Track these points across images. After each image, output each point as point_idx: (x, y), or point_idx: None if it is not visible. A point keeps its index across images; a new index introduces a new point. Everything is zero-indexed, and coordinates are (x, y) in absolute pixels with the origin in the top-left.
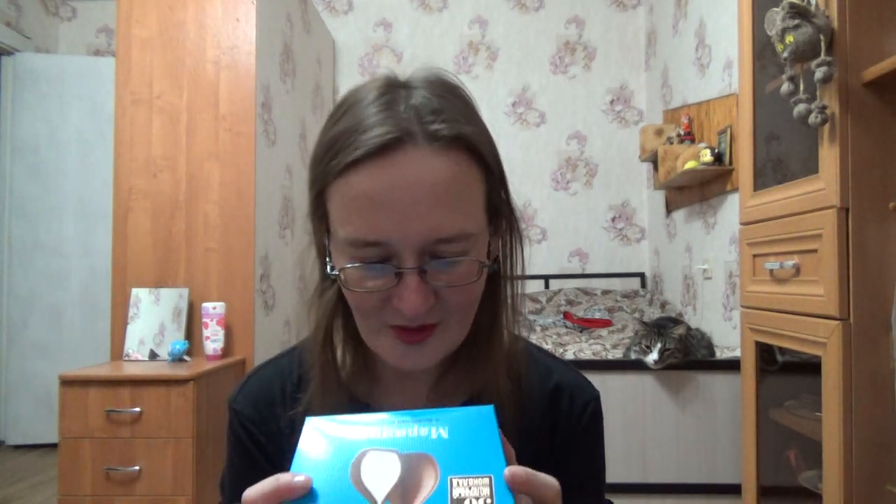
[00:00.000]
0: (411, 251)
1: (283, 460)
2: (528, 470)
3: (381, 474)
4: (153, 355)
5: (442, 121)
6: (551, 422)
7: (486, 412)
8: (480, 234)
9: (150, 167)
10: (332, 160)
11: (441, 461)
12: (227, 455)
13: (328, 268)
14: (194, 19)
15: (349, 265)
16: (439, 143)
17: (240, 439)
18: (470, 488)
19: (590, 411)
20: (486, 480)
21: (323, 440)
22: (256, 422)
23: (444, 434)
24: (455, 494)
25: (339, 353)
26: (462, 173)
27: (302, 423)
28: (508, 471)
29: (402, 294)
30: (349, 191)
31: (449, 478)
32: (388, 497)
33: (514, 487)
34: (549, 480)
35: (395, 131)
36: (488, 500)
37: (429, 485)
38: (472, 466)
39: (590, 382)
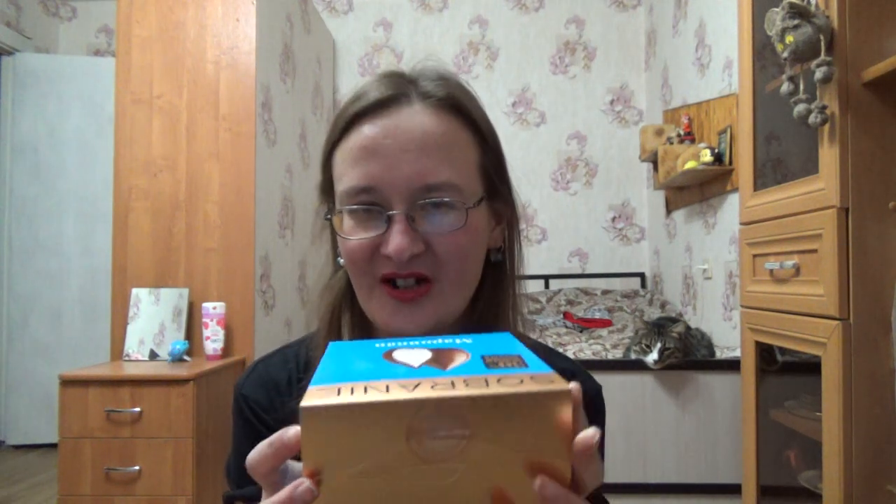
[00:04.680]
0: (400, 196)
1: None
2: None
3: (414, 356)
4: (153, 355)
5: (436, 85)
6: None
7: (506, 335)
8: (470, 193)
9: (150, 167)
10: (335, 125)
11: (470, 350)
12: (233, 440)
13: (327, 217)
14: (194, 19)
15: (343, 208)
16: (431, 101)
17: (248, 422)
18: (502, 358)
19: (590, 401)
20: (516, 356)
21: (349, 351)
22: (264, 406)
23: (469, 342)
24: (488, 361)
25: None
26: (452, 131)
27: None
28: (581, 436)
29: (389, 237)
30: (347, 146)
31: (481, 355)
32: (424, 363)
33: (579, 448)
34: (601, 467)
35: (391, 91)
36: (520, 362)
37: (461, 358)
38: (501, 351)
39: (592, 376)
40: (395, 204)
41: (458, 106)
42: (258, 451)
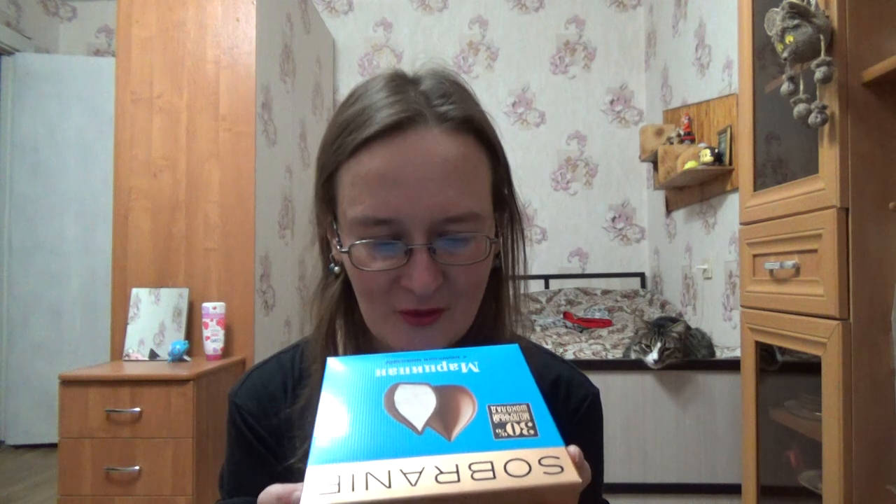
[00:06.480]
0: (421, 228)
1: (283, 454)
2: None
3: (418, 404)
4: (153, 355)
5: (451, 104)
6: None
7: (513, 349)
8: (487, 218)
9: (150, 167)
10: (344, 142)
11: (476, 392)
12: (227, 449)
13: (337, 246)
14: (194, 19)
15: (359, 241)
16: (449, 125)
17: (241, 432)
18: (509, 414)
19: (587, 406)
20: (525, 407)
21: (349, 378)
22: (258, 416)
23: (475, 369)
24: (496, 419)
25: (340, 350)
26: (471, 155)
27: (301, 417)
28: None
29: (413, 272)
30: (360, 169)
31: (487, 405)
32: (428, 424)
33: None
34: (589, 471)
35: (406, 111)
36: (529, 424)
37: (468, 412)
38: (508, 396)
39: (589, 380)
40: (415, 236)
41: (474, 126)
42: (266, 500)
